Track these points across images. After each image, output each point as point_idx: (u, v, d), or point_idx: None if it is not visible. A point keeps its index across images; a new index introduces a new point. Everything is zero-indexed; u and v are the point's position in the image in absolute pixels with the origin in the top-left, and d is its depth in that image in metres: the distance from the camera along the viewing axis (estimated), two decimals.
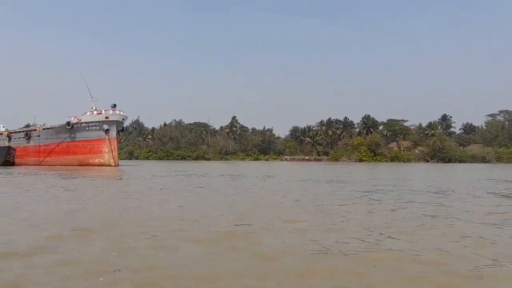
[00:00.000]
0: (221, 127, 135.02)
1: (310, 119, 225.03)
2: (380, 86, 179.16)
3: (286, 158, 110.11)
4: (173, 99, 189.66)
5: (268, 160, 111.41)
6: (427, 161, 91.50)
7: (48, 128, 50.17)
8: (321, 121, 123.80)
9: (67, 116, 48.49)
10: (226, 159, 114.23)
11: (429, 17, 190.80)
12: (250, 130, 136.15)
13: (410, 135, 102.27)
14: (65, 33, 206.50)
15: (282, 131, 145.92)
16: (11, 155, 46.91)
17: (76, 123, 47.66)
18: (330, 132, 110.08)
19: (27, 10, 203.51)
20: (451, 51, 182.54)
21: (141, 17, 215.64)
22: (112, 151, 47.59)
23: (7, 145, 50.91)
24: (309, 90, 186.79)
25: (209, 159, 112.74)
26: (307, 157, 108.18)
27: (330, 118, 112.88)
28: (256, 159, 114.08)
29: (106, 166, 47.00)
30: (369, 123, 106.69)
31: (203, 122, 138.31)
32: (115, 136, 48.38)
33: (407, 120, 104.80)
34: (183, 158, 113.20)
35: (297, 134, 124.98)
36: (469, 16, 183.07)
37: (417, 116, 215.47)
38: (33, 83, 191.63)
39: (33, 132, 51.02)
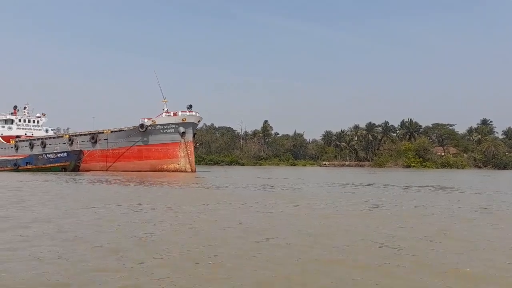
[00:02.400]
0: (245, 132, 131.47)
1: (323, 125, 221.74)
2: (401, 90, 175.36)
3: (325, 164, 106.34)
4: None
5: (305, 165, 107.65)
6: (479, 167, 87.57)
7: (117, 131, 46.55)
8: (356, 125, 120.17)
9: (140, 118, 45.04)
10: (260, 164, 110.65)
11: (423, 21, 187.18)
12: (272, 135, 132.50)
13: (458, 140, 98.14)
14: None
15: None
16: (81, 159, 43.33)
17: (150, 125, 44.12)
18: (370, 136, 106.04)
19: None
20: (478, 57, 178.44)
21: (154, 24, 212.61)
22: (188, 155, 43.98)
23: (69, 149, 47.41)
24: (323, 95, 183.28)
25: (243, 164, 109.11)
26: (347, 163, 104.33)
27: (370, 122, 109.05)
28: (293, 164, 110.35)
29: (182, 172, 43.43)
30: (411, 128, 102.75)
31: (227, 127, 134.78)
32: (192, 140, 44.81)
33: (454, 124, 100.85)
34: (216, 163, 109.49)
35: (331, 138, 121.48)
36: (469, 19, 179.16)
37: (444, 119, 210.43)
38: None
39: (99, 135, 47.39)
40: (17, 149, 54.82)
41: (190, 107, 44.26)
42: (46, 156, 41.81)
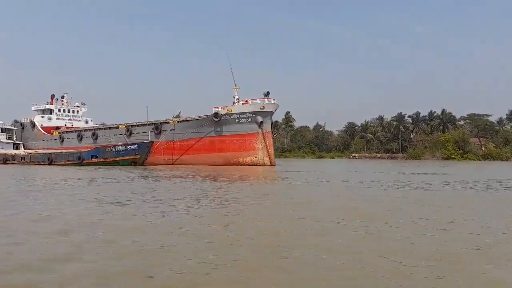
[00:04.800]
0: None
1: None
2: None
3: (355, 156, 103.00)
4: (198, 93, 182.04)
5: (333, 158, 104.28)
6: None
7: (185, 121, 42.41)
8: (380, 116, 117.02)
9: (213, 107, 40.90)
10: (286, 157, 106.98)
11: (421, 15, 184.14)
12: (295, 126, 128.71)
13: (497, 131, 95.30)
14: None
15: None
16: (150, 152, 39.18)
17: (225, 114, 40.05)
18: (402, 127, 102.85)
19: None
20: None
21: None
22: (267, 147, 40.05)
23: (127, 141, 43.31)
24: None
25: None
26: (378, 155, 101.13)
27: (401, 112, 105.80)
28: (320, 157, 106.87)
29: (260, 165, 39.56)
30: (445, 118, 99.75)
31: None
32: (270, 130, 40.91)
33: (491, 115, 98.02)
34: None
35: (354, 130, 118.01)
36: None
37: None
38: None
39: (164, 125, 43.14)
40: (62, 141, 50.37)
41: (267, 94, 40.22)
42: (115, 149, 37.56)
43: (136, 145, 37.68)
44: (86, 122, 57.66)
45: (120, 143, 39.69)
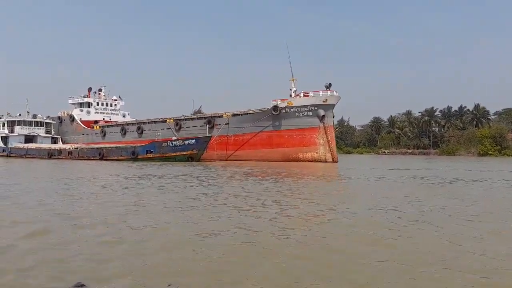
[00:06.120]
0: None
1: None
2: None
3: (384, 152, 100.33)
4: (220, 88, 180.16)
5: (362, 153, 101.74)
6: None
7: (240, 114, 40.20)
8: (408, 111, 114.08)
9: (271, 100, 38.66)
10: None
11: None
12: None
13: None
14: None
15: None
16: (207, 147, 37.11)
17: (285, 107, 37.80)
18: (433, 123, 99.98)
19: None
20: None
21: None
22: (329, 142, 37.74)
23: (177, 136, 41.31)
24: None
25: None
26: (409, 151, 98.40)
27: (433, 107, 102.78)
28: (347, 152, 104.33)
29: (321, 162, 37.29)
30: (479, 113, 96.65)
31: None
32: (332, 124, 38.61)
33: None
34: None
35: (380, 125, 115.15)
36: None
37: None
38: None
39: (217, 119, 41.00)
40: (104, 135, 48.45)
41: (329, 85, 37.82)
42: (172, 143, 35.54)
43: (194, 140, 35.59)
44: (124, 116, 55.72)
45: (174, 138, 37.74)
